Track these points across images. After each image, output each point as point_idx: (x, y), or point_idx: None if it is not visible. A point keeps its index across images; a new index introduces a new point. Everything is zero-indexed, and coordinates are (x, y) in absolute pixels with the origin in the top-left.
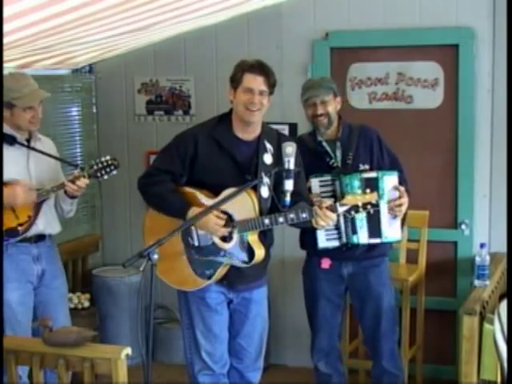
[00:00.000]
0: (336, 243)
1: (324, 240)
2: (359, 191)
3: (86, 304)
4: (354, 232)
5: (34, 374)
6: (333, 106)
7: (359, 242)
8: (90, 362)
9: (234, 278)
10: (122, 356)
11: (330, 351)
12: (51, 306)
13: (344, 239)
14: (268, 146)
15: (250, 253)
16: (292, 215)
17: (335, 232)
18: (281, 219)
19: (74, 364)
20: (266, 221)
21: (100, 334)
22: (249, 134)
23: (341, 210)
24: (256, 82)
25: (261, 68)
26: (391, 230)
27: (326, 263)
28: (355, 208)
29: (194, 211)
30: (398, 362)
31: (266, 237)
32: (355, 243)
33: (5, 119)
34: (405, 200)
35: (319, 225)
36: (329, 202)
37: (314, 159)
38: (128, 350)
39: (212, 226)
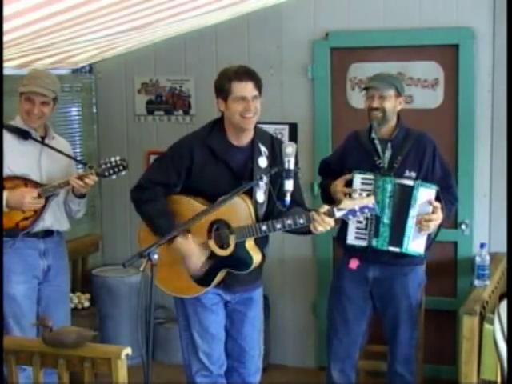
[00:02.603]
0: (364, 243)
1: (353, 238)
2: (356, 195)
3: (86, 304)
4: (376, 235)
5: (34, 373)
6: (391, 103)
7: (378, 246)
8: (90, 362)
9: (231, 282)
10: (122, 356)
11: (347, 359)
12: (52, 303)
13: (367, 241)
14: (262, 148)
15: (248, 258)
16: (289, 221)
17: (365, 232)
18: (278, 225)
19: (74, 364)
20: (264, 227)
21: (100, 334)
22: (243, 139)
23: (338, 214)
24: (247, 89)
25: (247, 74)
26: (414, 243)
27: (353, 264)
28: (352, 212)
29: (179, 241)
30: (413, 366)
31: (261, 240)
32: (374, 247)
33: (19, 112)
34: (436, 217)
35: (317, 230)
36: (326, 207)
37: (362, 155)
38: (128, 350)
39: (193, 263)
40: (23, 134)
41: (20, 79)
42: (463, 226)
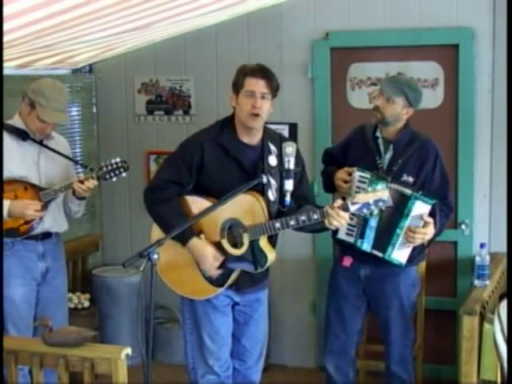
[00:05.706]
0: (351, 240)
1: (343, 233)
2: (369, 188)
3: (86, 304)
4: (362, 236)
5: (34, 373)
6: (394, 110)
7: (362, 247)
8: (90, 362)
9: (243, 283)
10: (122, 356)
11: (342, 355)
12: (51, 305)
13: (353, 240)
14: (272, 147)
15: (262, 256)
16: (303, 217)
17: (355, 229)
18: (292, 222)
19: (73, 364)
20: (277, 224)
21: (100, 334)
22: (253, 137)
23: (352, 208)
24: (257, 85)
25: (262, 72)
26: (397, 252)
27: (347, 261)
28: (367, 206)
29: (194, 242)
30: (408, 366)
31: (273, 239)
32: (358, 247)
33: (22, 114)
34: (425, 231)
35: (333, 225)
36: (340, 201)
37: (364, 150)
38: (128, 350)
39: (209, 264)
40: (21, 135)
41: (21, 79)
42: (463, 226)
